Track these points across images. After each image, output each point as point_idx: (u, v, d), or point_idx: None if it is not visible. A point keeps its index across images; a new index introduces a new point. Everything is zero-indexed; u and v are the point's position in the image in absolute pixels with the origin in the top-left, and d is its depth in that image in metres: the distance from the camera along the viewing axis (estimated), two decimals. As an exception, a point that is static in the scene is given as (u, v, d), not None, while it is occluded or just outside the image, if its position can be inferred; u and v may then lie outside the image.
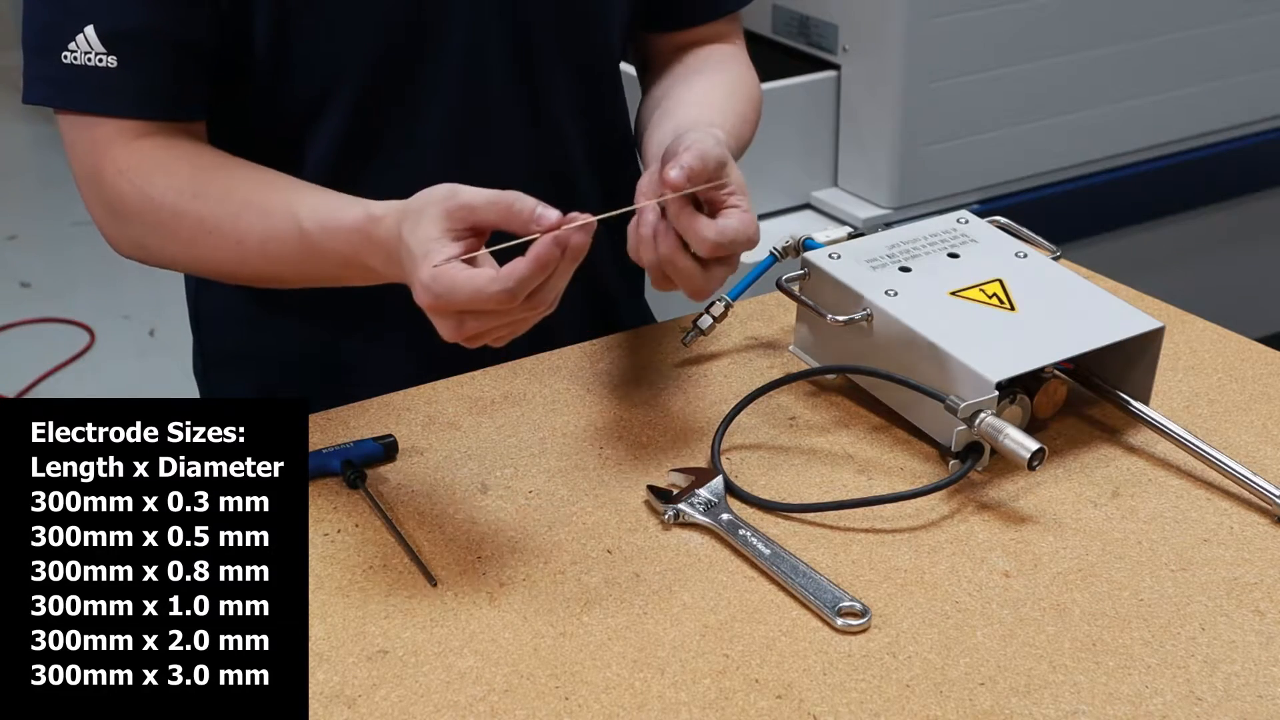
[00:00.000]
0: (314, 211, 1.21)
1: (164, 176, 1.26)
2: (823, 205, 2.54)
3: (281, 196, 1.24)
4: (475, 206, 1.10)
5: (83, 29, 1.24)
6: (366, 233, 1.17)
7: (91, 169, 1.28)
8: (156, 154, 1.27)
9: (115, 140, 1.27)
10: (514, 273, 1.07)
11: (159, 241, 1.28)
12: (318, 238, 1.21)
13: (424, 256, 1.09)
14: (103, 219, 1.30)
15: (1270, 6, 2.73)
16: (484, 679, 1.03)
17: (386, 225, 1.15)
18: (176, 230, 1.26)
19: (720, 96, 1.40)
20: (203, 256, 1.28)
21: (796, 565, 1.12)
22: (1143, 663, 1.05)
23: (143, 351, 3.49)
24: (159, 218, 1.26)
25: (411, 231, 1.11)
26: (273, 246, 1.24)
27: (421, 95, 1.34)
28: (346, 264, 1.21)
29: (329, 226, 1.20)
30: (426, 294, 1.09)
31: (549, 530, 1.17)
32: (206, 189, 1.26)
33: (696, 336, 1.39)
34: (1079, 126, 2.61)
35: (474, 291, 1.07)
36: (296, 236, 1.22)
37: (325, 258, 1.21)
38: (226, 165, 1.28)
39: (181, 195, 1.26)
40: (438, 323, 1.12)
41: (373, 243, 1.17)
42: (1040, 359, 1.25)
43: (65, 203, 4.02)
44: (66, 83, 1.26)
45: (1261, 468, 1.23)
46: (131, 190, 1.26)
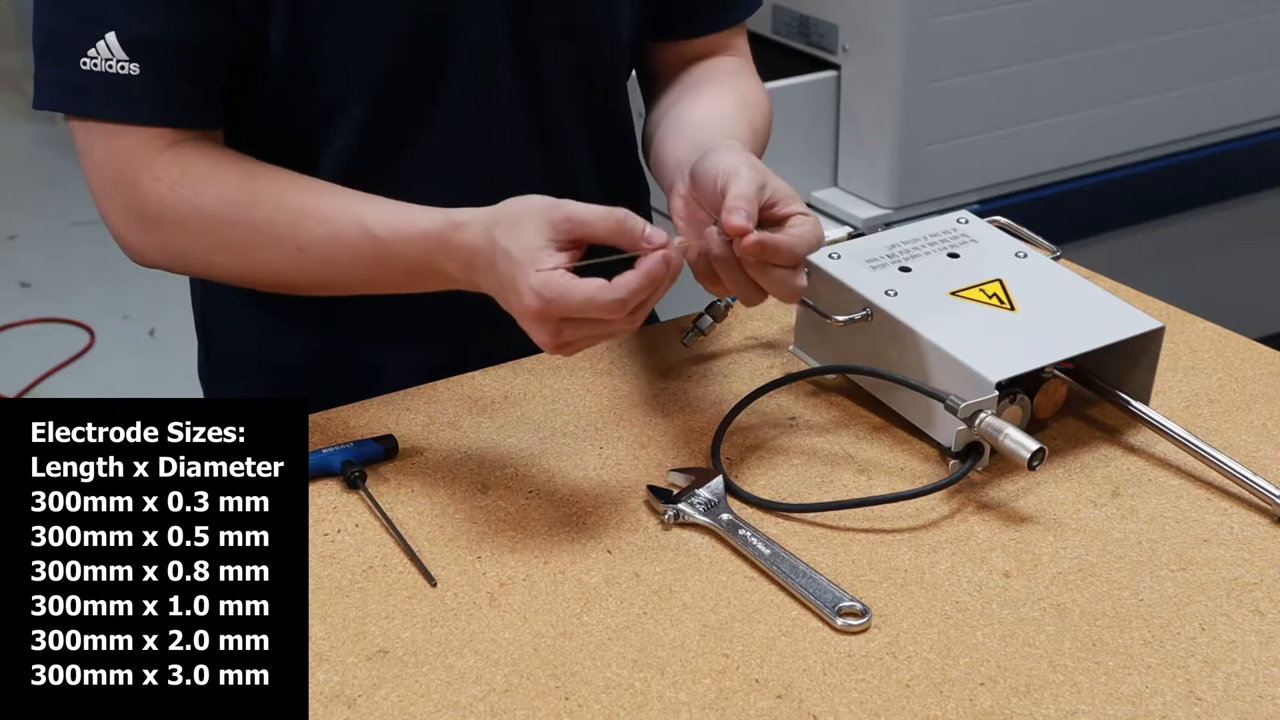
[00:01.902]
0: (383, 217, 1.22)
1: (213, 186, 1.26)
2: (823, 205, 2.54)
3: (342, 203, 1.24)
4: (585, 221, 1.12)
5: (103, 35, 1.23)
6: (445, 238, 1.18)
7: (118, 177, 1.27)
8: (199, 162, 1.27)
9: (144, 148, 1.26)
10: (626, 284, 1.10)
11: (204, 250, 1.28)
12: (388, 243, 1.21)
13: (531, 263, 1.11)
14: (128, 226, 1.29)
15: (1270, 6, 2.73)
16: (484, 679, 1.03)
17: (472, 231, 1.16)
18: (228, 240, 1.26)
19: (731, 110, 1.40)
20: (256, 264, 1.27)
21: (796, 565, 1.12)
22: (1143, 663, 1.05)
23: (143, 351, 3.49)
24: (209, 227, 1.26)
25: (509, 237, 1.13)
26: (337, 253, 1.24)
27: (433, 101, 1.34)
28: (415, 270, 1.21)
29: (402, 232, 1.20)
30: (536, 298, 1.10)
31: (549, 530, 1.17)
32: (260, 197, 1.26)
33: (696, 336, 1.39)
34: (1079, 126, 2.61)
35: (585, 299, 1.10)
36: (365, 242, 1.22)
37: (393, 263, 1.22)
38: (275, 173, 1.28)
39: (236, 205, 1.25)
40: (535, 328, 1.13)
41: (451, 248, 1.18)
42: (1040, 359, 1.25)
43: (65, 203, 4.03)
44: (86, 89, 1.25)
45: (1261, 468, 1.23)
46: (176, 200, 1.26)
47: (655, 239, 1.12)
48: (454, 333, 1.42)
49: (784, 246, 1.15)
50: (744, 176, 1.16)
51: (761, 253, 1.15)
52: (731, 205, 1.14)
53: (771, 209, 1.17)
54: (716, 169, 1.18)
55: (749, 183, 1.16)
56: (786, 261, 1.16)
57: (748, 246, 1.14)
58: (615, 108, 1.47)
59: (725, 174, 1.17)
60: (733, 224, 1.14)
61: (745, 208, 1.14)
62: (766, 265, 1.16)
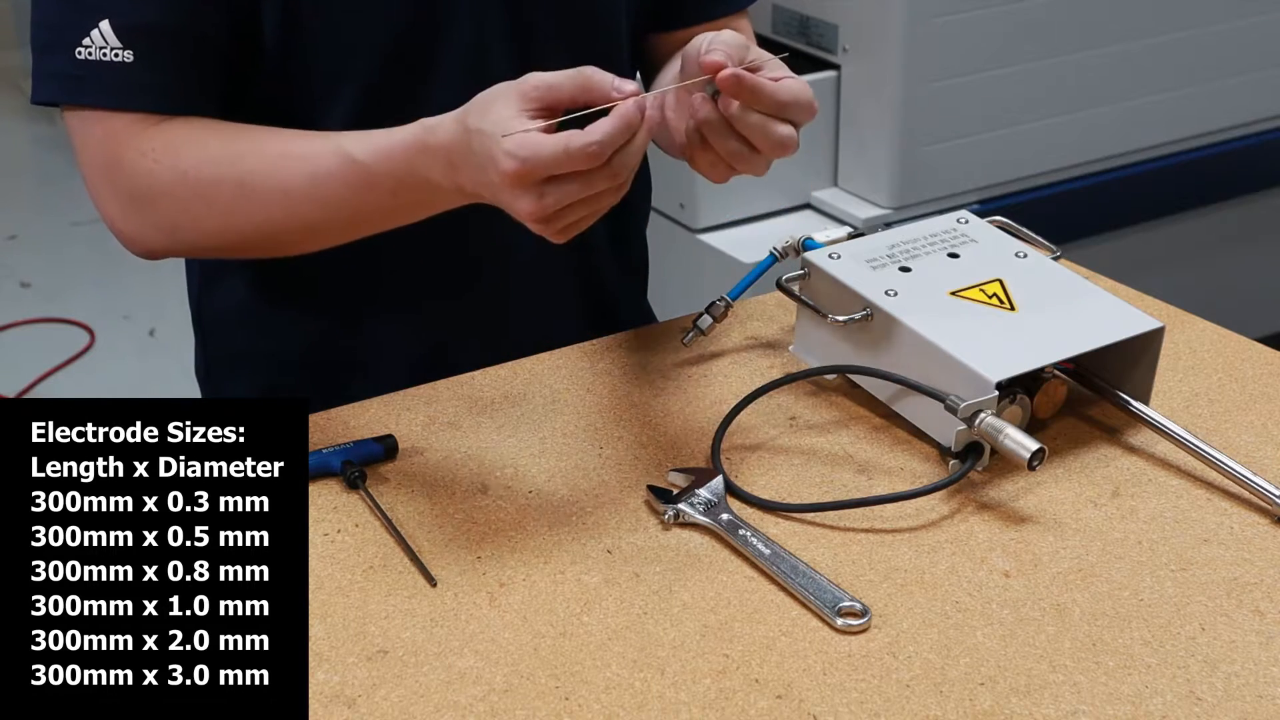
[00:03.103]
0: (361, 140, 1.21)
1: (194, 149, 1.26)
2: (823, 205, 2.54)
3: (320, 139, 1.24)
4: (553, 83, 1.10)
5: (98, 24, 1.24)
6: (423, 143, 1.16)
7: (107, 160, 1.27)
8: (179, 130, 1.27)
9: (132, 128, 1.27)
10: (601, 128, 1.07)
11: (194, 217, 1.27)
12: (370, 163, 1.20)
13: (505, 130, 1.09)
14: (121, 212, 1.29)
15: (1270, 6, 2.73)
16: (484, 679, 1.03)
17: (445, 127, 1.15)
18: (215, 199, 1.26)
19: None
20: (246, 220, 1.26)
21: (796, 565, 1.12)
22: (1143, 663, 1.05)
23: (143, 351, 3.49)
24: (196, 189, 1.25)
25: (481, 117, 1.11)
26: (322, 188, 1.22)
27: (427, 88, 1.34)
28: (400, 186, 1.20)
29: (381, 147, 1.19)
30: (511, 160, 1.08)
31: (549, 530, 1.17)
32: (240, 151, 1.25)
33: (696, 336, 1.39)
34: (1079, 126, 2.61)
35: (560, 149, 1.07)
36: (347, 168, 1.21)
37: (379, 184, 1.20)
38: (254, 129, 1.28)
39: (219, 164, 1.25)
40: (517, 197, 1.10)
41: (429, 151, 1.16)
42: (1040, 359, 1.25)
43: (65, 203, 4.03)
44: (81, 79, 1.25)
45: (1261, 468, 1.23)
46: (159, 168, 1.25)
47: (626, 88, 1.10)
48: (452, 321, 1.42)
49: (764, 87, 1.15)
50: (725, 36, 1.16)
51: (739, 89, 1.14)
52: (710, 48, 1.14)
53: (755, 72, 1.17)
54: (700, 41, 1.18)
55: (731, 37, 1.16)
56: (768, 106, 1.15)
57: (724, 79, 1.13)
58: None
59: (708, 40, 1.17)
60: (709, 60, 1.13)
61: (724, 49, 1.14)
62: (748, 112, 1.15)
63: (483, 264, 1.42)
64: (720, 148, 1.17)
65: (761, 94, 1.15)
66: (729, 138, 1.17)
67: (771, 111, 1.16)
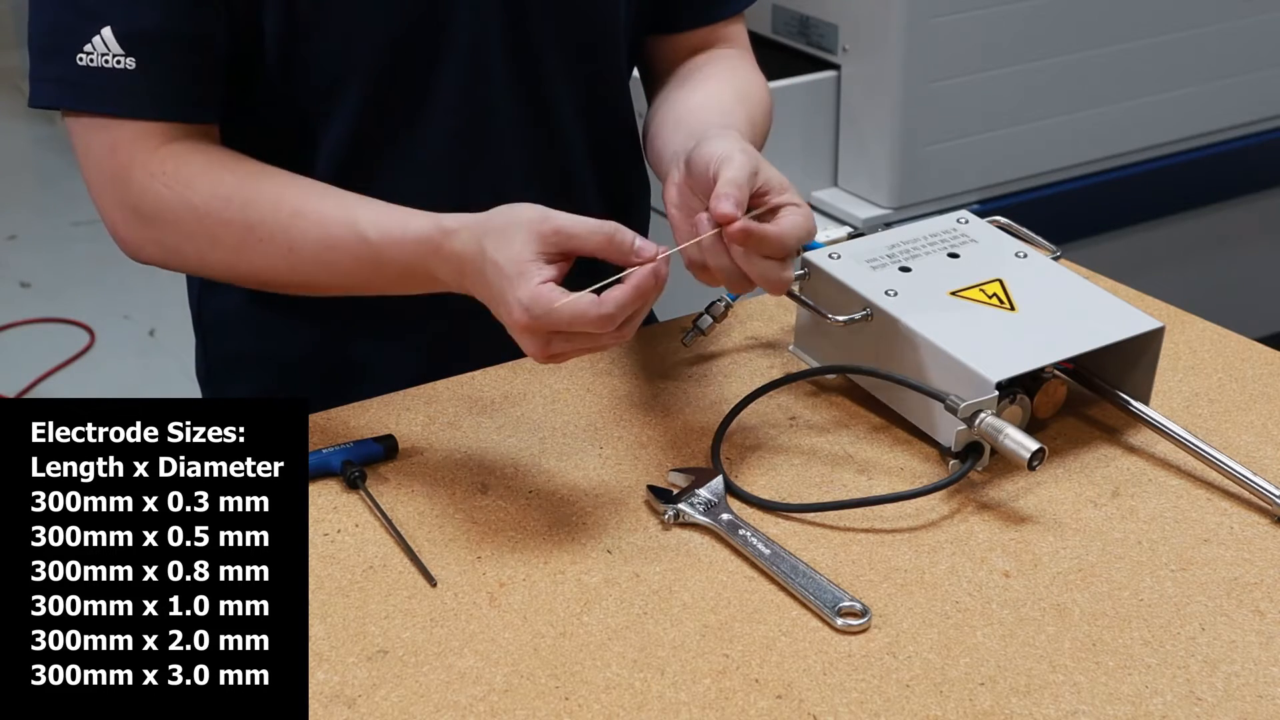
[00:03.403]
0: (376, 221, 1.21)
1: (208, 184, 1.26)
2: (823, 205, 2.54)
3: (336, 205, 1.24)
4: (574, 234, 1.12)
5: (99, 30, 1.23)
6: (436, 244, 1.18)
7: (114, 172, 1.27)
8: (195, 159, 1.27)
9: (140, 143, 1.26)
10: (615, 300, 1.10)
11: (198, 248, 1.28)
12: (380, 247, 1.21)
13: (519, 276, 1.11)
14: (124, 223, 1.29)
15: (1270, 6, 2.73)
16: (484, 679, 1.03)
17: (462, 239, 1.16)
18: (221, 238, 1.26)
19: (728, 99, 1.40)
20: (248, 264, 1.27)
21: (796, 565, 1.12)
22: (1143, 663, 1.05)
23: (143, 351, 3.49)
24: (203, 225, 1.26)
25: (498, 249, 1.13)
26: (330, 255, 1.24)
27: (428, 93, 1.34)
28: (408, 274, 1.21)
29: (393, 236, 1.20)
30: (525, 314, 1.11)
31: (549, 530, 1.17)
32: (255, 196, 1.25)
33: (696, 336, 1.39)
34: (1079, 126, 2.61)
35: (575, 315, 1.10)
36: (358, 245, 1.22)
37: (386, 267, 1.22)
38: (271, 173, 1.28)
39: (230, 205, 1.25)
40: (525, 340, 1.13)
41: (441, 254, 1.18)
42: (1040, 359, 1.25)
43: (65, 203, 4.03)
44: (82, 85, 1.25)
45: (1261, 468, 1.23)
46: (171, 196, 1.26)
47: (645, 252, 1.12)
48: (453, 329, 1.42)
49: (771, 236, 1.15)
50: (736, 163, 1.16)
51: (748, 241, 1.15)
52: (720, 192, 1.15)
53: (763, 197, 1.17)
54: (710, 155, 1.18)
55: (740, 169, 1.16)
56: (774, 252, 1.16)
57: (733, 234, 1.14)
58: (616, 105, 1.47)
59: (718, 160, 1.17)
60: (720, 211, 1.14)
61: (734, 194, 1.14)
62: (753, 255, 1.16)
63: None
64: (718, 272, 1.19)
65: (768, 243, 1.16)
66: (730, 272, 1.18)
67: (777, 256, 1.17)
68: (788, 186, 1.19)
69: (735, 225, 1.14)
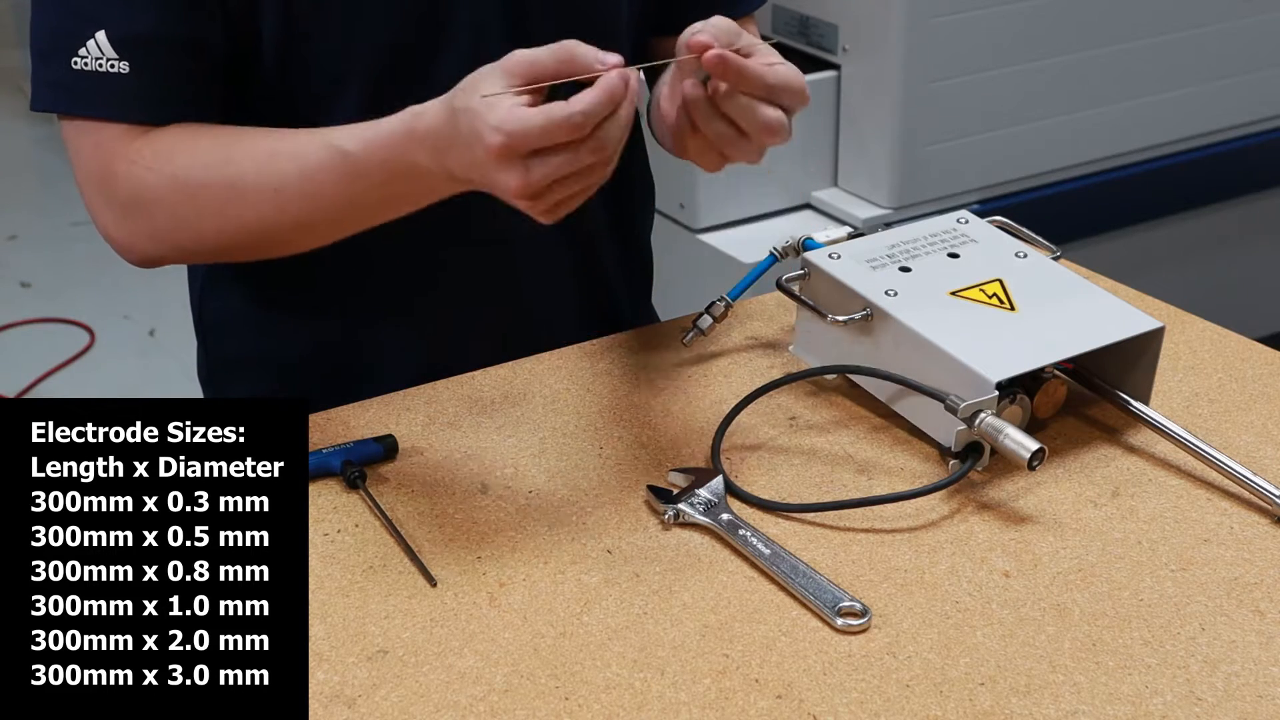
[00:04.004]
0: (350, 132, 1.21)
1: (185, 154, 1.26)
2: (823, 205, 2.54)
3: (310, 135, 1.24)
4: (536, 58, 1.10)
5: (93, 34, 1.23)
6: (410, 129, 1.16)
7: (99, 170, 1.27)
8: (168, 136, 1.27)
9: (123, 137, 1.26)
10: (583, 98, 1.07)
11: (185, 220, 1.27)
12: (359, 154, 1.19)
13: (490, 107, 1.09)
14: (115, 220, 1.29)
15: (1270, 6, 2.73)
16: (484, 679, 1.03)
17: (432, 111, 1.15)
18: (207, 202, 1.25)
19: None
20: (237, 221, 1.26)
21: (796, 565, 1.12)
22: (1143, 663, 1.05)
23: (143, 351, 3.49)
24: (187, 193, 1.25)
25: (467, 99, 1.11)
26: (312, 183, 1.22)
27: (427, 93, 1.34)
28: (391, 175, 1.19)
29: (369, 138, 1.19)
30: (495, 134, 1.08)
31: (549, 530, 1.17)
32: (230, 154, 1.25)
33: (696, 336, 1.39)
34: (1079, 126, 2.61)
35: (545, 120, 1.07)
36: (336, 161, 1.20)
37: (369, 175, 1.20)
38: (245, 131, 1.28)
39: (209, 167, 1.25)
40: (503, 172, 1.10)
41: (416, 137, 1.16)
42: (1040, 359, 1.25)
43: (65, 203, 4.03)
44: (77, 89, 1.25)
45: (1261, 468, 1.23)
46: (151, 175, 1.25)
47: (609, 59, 1.09)
48: (453, 329, 1.42)
49: (750, 68, 1.14)
50: (714, 20, 1.16)
51: (725, 70, 1.13)
52: (696, 29, 1.14)
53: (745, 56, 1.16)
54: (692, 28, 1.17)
55: (720, 21, 1.16)
56: (756, 89, 1.15)
57: (710, 59, 1.13)
58: None
59: (699, 25, 1.16)
60: (696, 40, 1.13)
61: (711, 30, 1.14)
62: (735, 94, 1.14)
63: (485, 269, 1.42)
64: (708, 131, 1.17)
65: (748, 75, 1.14)
66: (716, 120, 1.16)
67: (760, 95, 1.15)
68: (772, 50, 1.18)
69: (712, 52, 1.12)
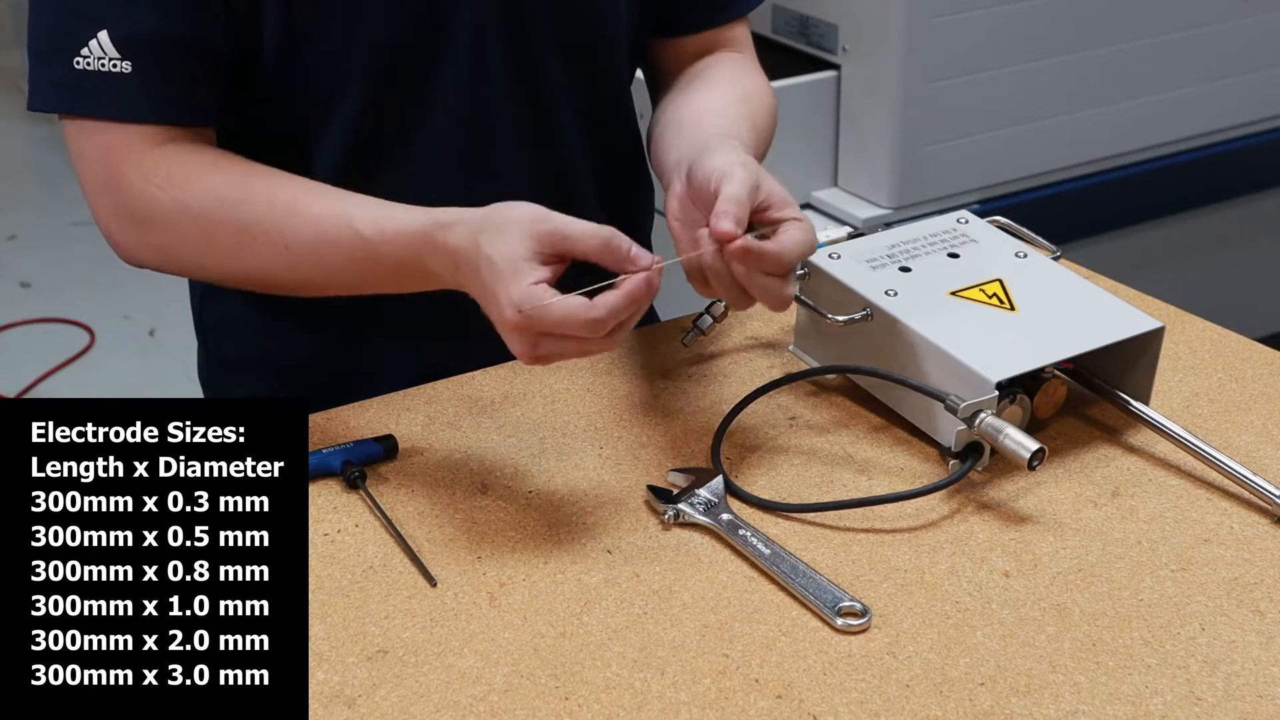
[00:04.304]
0: (370, 217, 1.21)
1: (200, 185, 1.26)
2: (823, 205, 2.54)
3: (330, 202, 1.24)
4: (570, 236, 1.12)
5: (96, 34, 1.23)
6: (431, 237, 1.17)
7: (108, 176, 1.27)
8: (187, 161, 1.26)
9: (133, 147, 1.26)
10: (607, 304, 1.10)
11: (194, 250, 1.28)
12: (376, 242, 1.20)
13: (513, 274, 1.10)
14: (118, 226, 1.29)
15: (1270, 6, 2.73)
16: (484, 679, 1.03)
17: (457, 233, 1.15)
18: (217, 239, 1.26)
19: (732, 106, 1.39)
20: (243, 264, 1.27)
21: (796, 565, 1.12)
22: (1143, 663, 1.05)
23: (143, 351, 3.49)
24: (198, 226, 1.26)
25: (493, 244, 1.12)
26: (325, 252, 1.23)
27: (427, 96, 1.34)
28: (402, 269, 1.21)
29: (387, 231, 1.20)
30: (514, 312, 1.10)
31: (549, 530, 1.17)
32: (249, 196, 1.25)
33: (696, 336, 1.39)
34: (1079, 126, 2.61)
35: (565, 316, 1.09)
36: (353, 241, 1.21)
37: (381, 262, 1.21)
38: (264, 172, 1.28)
39: (223, 205, 1.25)
40: (514, 340, 1.13)
41: (436, 247, 1.17)
42: (1040, 359, 1.25)
43: (65, 203, 4.03)
44: (79, 89, 1.25)
45: (1261, 468, 1.23)
46: (164, 198, 1.25)
47: (641, 260, 1.11)
48: (454, 332, 1.42)
49: (771, 254, 1.15)
50: (737, 179, 1.16)
51: (747, 259, 1.14)
52: (721, 209, 1.14)
53: (764, 212, 1.17)
54: (711, 170, 1.17)
55: (741, 185, 1.15)
56: (774, 269, 1.16)
57: (733, 251, 1.14)
58: (617, 108, 1.47)
59: (719, 175, 1.16)
60: (720, 229, 1.14)
61: (735, 211, 1.14)
62: (754, 272, 1.15)
63: None
64: (718, 288, 1.18)
65: (769, 261, 1.15)
66: (731, 287, 1.17)
67: (778, 273, 1.16)
68: (789, 201, 1.19)
69: (736, 243, 1.13)
